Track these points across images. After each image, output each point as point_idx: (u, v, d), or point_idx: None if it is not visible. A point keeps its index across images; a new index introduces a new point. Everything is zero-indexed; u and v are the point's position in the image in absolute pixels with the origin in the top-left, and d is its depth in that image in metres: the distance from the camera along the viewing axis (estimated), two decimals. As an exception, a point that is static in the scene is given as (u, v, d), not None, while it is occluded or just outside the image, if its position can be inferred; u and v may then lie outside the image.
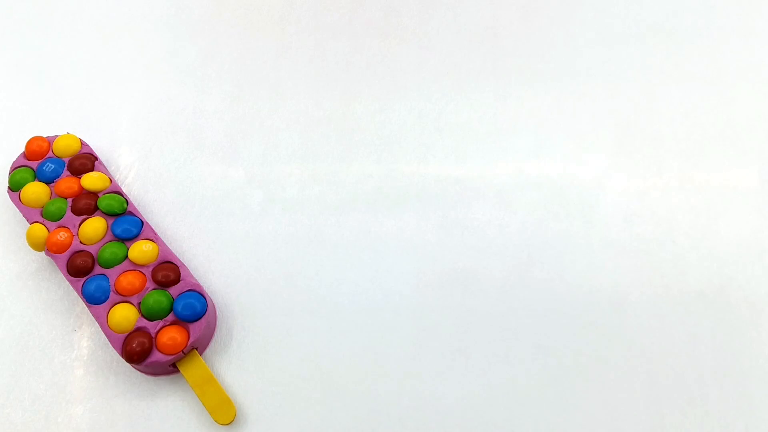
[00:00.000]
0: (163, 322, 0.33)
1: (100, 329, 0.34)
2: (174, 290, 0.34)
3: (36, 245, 0.36)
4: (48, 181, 0.37)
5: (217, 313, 0.35)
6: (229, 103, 0.43)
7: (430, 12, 0.46)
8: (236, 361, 0.34)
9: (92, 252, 0.35)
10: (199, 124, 0.42)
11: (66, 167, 0.38)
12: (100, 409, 0.33)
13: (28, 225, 0.36)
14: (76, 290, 0.34)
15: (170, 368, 0.33)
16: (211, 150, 0.41)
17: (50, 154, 0.38)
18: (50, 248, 0.35)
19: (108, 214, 0.36)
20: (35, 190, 0.37)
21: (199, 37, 0.45)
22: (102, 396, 0.33)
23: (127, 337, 0.32)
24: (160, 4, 0.47)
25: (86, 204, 0.36)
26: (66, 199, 0.37)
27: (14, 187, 0.37)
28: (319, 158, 0.41)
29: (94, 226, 0.36)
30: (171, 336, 0.32)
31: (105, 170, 0.39)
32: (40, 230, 0.35)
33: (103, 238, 0.35)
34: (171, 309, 0.33)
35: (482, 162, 0.40)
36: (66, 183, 0.37)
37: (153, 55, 0.45)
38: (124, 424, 0.33)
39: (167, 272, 0.34)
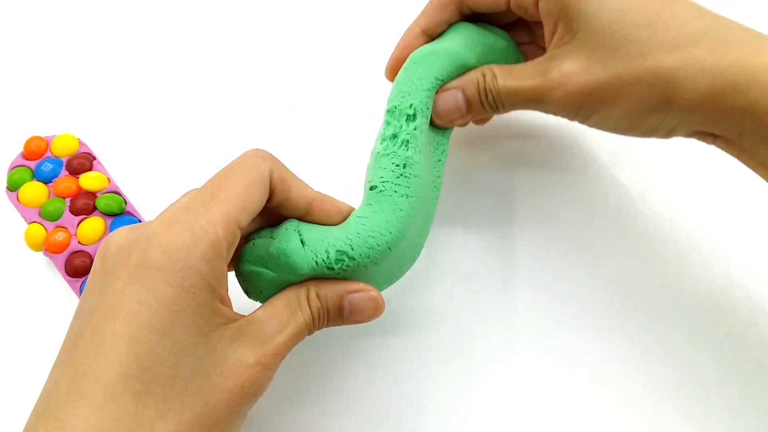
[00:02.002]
0: (161, 322, 0.32)
1: (98, 330, 0.34)
2: (173, 290, 0.33)
3: (34, 245, 0.35)
4: (46, 181, 0.37)
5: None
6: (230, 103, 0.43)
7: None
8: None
9: (91, 252, 0.35)
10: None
11: (64, 167, 0.38)
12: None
13: (26, 225, 0.36)
14: (75, 290, 0.34)
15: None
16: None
17: (48, 153, 0.38)
18: (48, 248, 0.35)
19: (107, 214, 0.36)
20: (33, 190, 0.37)
21: (201, 38, 0.45)
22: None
23: (125, 338, 0.32)
24: (161, 5, 0.47)
25: (85, 204, 0.36)
26: (64, 199, 0.36)
27: (12, 187, 0.37)
28: (319, 159, 0.41)
29: (93, 227, 0.35)
30: (170, 337, 0.32)
31: (103, 170, 0.38)
32: (38, 230, 0.35)
33: (101, 238, 0.35)
34: (170, 309, 0.33)
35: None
36: (64, 183, 0.37)
37: (153, 54, 0.45)
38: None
39: (166, 272, 0.34)
